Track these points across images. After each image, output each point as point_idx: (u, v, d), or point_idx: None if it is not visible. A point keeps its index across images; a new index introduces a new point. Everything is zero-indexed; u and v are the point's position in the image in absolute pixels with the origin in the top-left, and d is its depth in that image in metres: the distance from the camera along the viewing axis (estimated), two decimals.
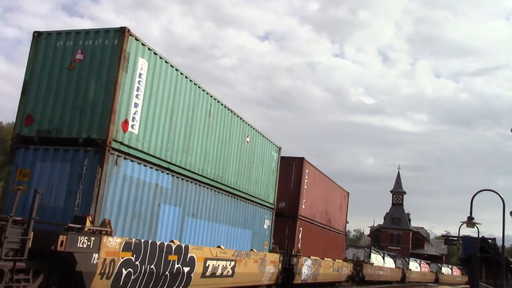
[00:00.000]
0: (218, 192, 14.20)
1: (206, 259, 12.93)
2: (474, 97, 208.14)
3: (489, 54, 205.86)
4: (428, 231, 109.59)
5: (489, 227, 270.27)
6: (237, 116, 15.32)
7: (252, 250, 16.45)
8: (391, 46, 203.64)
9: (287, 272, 20.60)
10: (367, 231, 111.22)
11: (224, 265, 14.07)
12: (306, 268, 22.33)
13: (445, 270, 68.22)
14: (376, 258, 40.74)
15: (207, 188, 13.53)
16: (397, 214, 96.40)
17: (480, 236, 34.25)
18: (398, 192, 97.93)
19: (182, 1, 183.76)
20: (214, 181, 13.85)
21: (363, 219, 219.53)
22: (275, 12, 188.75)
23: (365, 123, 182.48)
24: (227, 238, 14.90)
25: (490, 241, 37.58)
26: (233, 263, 14.63)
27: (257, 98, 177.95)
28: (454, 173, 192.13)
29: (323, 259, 25.29)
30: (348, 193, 31.93)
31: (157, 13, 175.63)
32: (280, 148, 19.49)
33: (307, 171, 22.73)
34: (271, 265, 17.94)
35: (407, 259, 54.48)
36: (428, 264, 63.02)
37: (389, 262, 45.57)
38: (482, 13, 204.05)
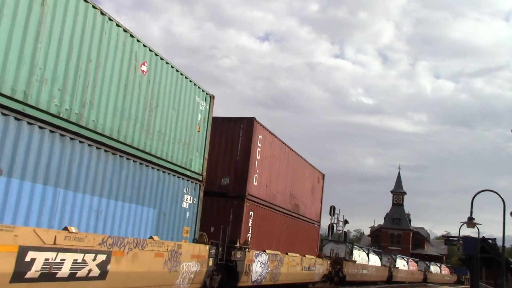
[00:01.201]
0: (74, 139, 8.66)
1: (24, 249, 7.36)
2: (473, 97, 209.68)
3: (488, 54, 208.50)
4: (428, 231, 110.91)
5: (489, 227, 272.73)
6: (118, 26, 9.75)
7: (151, 237, 10.88)
8: (390, 46, 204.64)
9: (230, 272, 15.10)
10: (367, 231, 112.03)
11: (81, 260, 8.49)
12: (258, 266, 16.77)
13: (434, 268, 63.91)
14: (359, 255, 35.58)
15: (44, 129, 8.01)
16: (397, 214, 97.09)
17: (481, 236, 34.53)
18: (398, 192, 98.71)
19: (182, 2, 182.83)
20: (62, 118, 8.32)
21: (364, 219, 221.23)
22: (275, 13, 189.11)
23: (365, 124, 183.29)
24: (102, 218, 9.39)
25: (490, 241, 37.37)
26: (103, 257, 9.03)
27: (257, 99, 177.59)
28: (454, 173, 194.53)
29: (287, 254, 19.71)
30: (324, 175, 26.31)
31: (157, 13, 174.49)
32: (212, 98, 13.91)
33: (260, 137, 17.18)
34: (192, 261, 12.34)
35: (394, 256, 49.34)
36: (416, 262, 58.74)
37: (374, 260, 40.47)
38: (481, 14, 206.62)
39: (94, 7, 9.02)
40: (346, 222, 56.83)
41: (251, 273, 16.17)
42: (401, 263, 49.56)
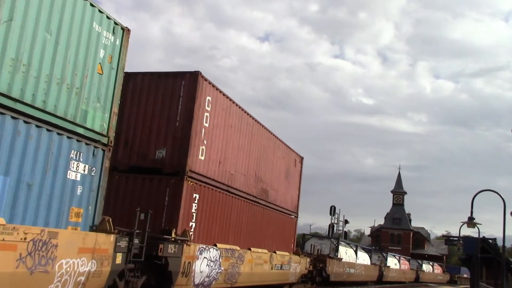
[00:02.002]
0: None
1: None
2: (473, 97, 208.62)
3: (488, 55, 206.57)
4: (428, 231, 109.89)
5: (490, 227, 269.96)
6: None
7: None
8: (390, 47, 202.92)
9: (161, 273, 11.28)
10: (367, 231, 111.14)
11: None
12: (205, 265, 12.88)
13: (426, 267, 59.94)
14: (346, 252, 31.58)
15: None
16: (397, 214, 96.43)
17: (481, 236, 34.14)
18: (398, 192, 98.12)
19: (182, 2, 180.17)
20: None
21: (364, 219, 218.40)
22: (275, 13, 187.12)
23: (365, 124, 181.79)
24: None
25: (490, 241, 36.92)
26: None
27: (257, 99, 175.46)
28: (454, 173, 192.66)
29: (249, 250, 15.86)
30: (302, 158, 22.44)
31: (157, 14, 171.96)
32: (127, 32, 10.01)
33: (209, 98, 13.34)
34: (82, 257, 8.43)
35: (384, 254, 45.08)
36: (408, 260, 54.77)
37: (363, 258, 36.49)
38: (481, 15, 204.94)
39: None
40: (346, 222, 54.22)
41: (192, 273, 12.32)
42: (392, 262, 45.71)
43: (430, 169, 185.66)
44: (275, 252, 18.23)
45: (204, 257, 12.80)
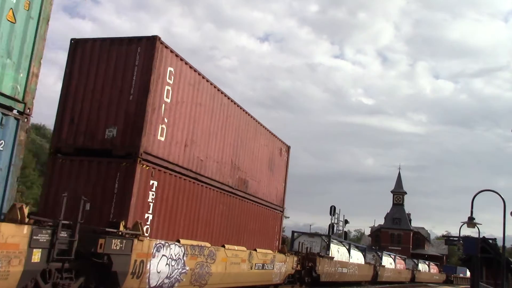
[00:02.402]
0: None
1: None
2: (473, 98, 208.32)
3: (487, 55, 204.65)
4: (428, 231, 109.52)
5: (490, 227, 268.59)
6: None
7: None
8: (390, 47, 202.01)
9: (105, 273, 9.34)
10: (367, 231, 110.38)
11: None
12: (163, 264, 10.89)
13: (422, 267, 57.53)
14: (338, 251, 29.26)
15: None
16: (397, 214, 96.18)
17: (481, 236, 33.71)
18: (398, 192, 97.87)
19: (182, 3, 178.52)
20: None
21: (364, 219, 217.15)
22: (275, 14, 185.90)
23: (365, 124, 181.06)
24: None
25: (490, 241, 36.45)
26: None
27: (257, 99, 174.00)
28: (454, 174, 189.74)
29: (223, 247, 13.88)
30: (289, 148, 20.38)
31: (157, 14, 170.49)
32: None
33: (171, 69, 11.39)
34: None
35: (379, 253, 42.71)
36: (404, 259, 52.23)
37: (357, 257, 34.06)
38: (480, 15, 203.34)
39: None
40: (346, 222, 53.27)
41: (147, 274, 10.35)
42: (387, 261, 43.30)
43: (430, 169, 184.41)
44: (256, 250, 16.28)
45: (163, 255, 10.85)
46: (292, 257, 20.48)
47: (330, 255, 27.03)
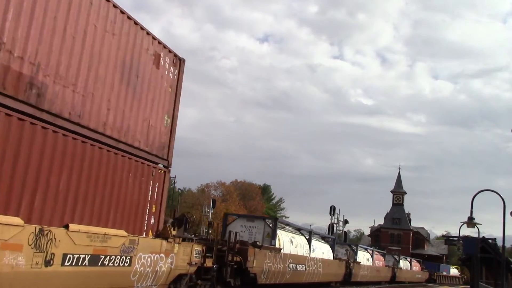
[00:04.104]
0: None
1: None
2: (472, 98, 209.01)
3: (486, 56, 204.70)
4: (428, 231, 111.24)
5: (490, 227, 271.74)
6: None
7: None
8: (389, 48, 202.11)
9: None
10: (367, 231, 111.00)
11: None
12: None
13: (403, 263, 52.47)
14: (291, 241, 22.37)
15: None
16: (397, 214, 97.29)
17: (481, 236, 34.37)
18: (398, 192, 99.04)
19: (182, 3, 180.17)
20: None
21: (364, 219, 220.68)
22: (274, 14, 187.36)
23: (364, 124, 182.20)
24: None
25: (490, 241, 37.10)
26: None
27: (257, 99, 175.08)
28: (454, 174, 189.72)
29: None
30: (182, 60, 12.93)
31: (157, 14, 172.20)
32: None
33: None
34: None
35: (354, 247, 36.94)
36: (383, 255, 46.50)
37: (323, 251, 27.42)
38: (479, 16, 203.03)
39: None
40: (346, 222, 54.08)
41: None
42: (364, 257, 37.69)
43: (429, 169, 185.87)
44: (67, 227, 8.63)
45: None
46: (189, 246, 12.75)
47: (276, 246, 20.11)
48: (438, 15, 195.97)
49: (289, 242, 22.12)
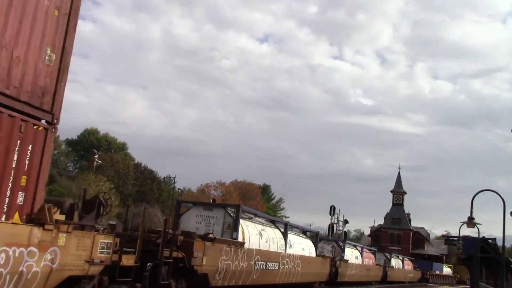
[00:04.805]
0: None
1: None
2: (471, 98, 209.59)
3: (486, 56, 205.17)
4: (428, 231, 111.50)
5: (489, 227, 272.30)
6: None
7: None
8: (389, 48, 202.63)
9: None
10: (367, 231, 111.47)
11: None
12: None
13: (395, 262, 49.21)
14: (260, 233, 19.32)
15: None
16: (397, 214, 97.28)
17: (480, 236, 34.15)
18: (398, 192, 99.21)
19: (182, 4, 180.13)
20: None
21: (364, 219, 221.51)
22: (274, 15, 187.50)
23: (364, 124, 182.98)
24: None
25: (490, 241, 37.06)
26: None
27: (256, 100, 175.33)
28: (454, 174, 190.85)
29: None
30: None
31: (157, 15, 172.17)
32: None
33: None
34: None
35: (341, 243, 33.85)
36: (374, 253, 43.53)
37: (303, 247, 24.47)
38: (479, 16, 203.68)
39: None
40: (346, 222, 54.46)
41: None
42: (352, 255, 34.54)
43: (429, 169, 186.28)
44: None
45: None
46: (86, 237, 9.13)
47: (239, 239, 17.05)
48: (438, 15, 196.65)
49: (257, 236, 18.78)
